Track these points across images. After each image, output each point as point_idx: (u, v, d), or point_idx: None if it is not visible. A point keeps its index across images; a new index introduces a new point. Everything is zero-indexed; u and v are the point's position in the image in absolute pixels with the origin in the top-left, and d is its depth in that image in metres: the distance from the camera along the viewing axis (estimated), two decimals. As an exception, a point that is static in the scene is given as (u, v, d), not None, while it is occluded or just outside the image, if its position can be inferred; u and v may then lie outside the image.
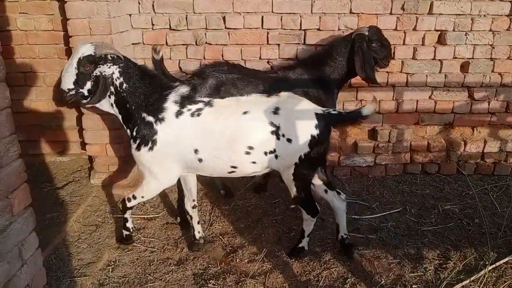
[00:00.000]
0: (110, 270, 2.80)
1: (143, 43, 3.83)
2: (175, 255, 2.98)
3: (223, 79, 3.16)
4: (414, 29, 3.85)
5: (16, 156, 2.03)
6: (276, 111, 2.62)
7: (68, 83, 2.66)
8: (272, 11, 3.75)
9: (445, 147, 4.10)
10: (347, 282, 2.72)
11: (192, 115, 2.64)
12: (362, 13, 3.78)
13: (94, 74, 2.65)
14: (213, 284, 2.70)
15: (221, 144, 2.62)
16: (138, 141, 2.69)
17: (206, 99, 2.75)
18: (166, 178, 2.79)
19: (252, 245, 3.09)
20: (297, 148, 2.62)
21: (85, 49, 2.62)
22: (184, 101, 2.68)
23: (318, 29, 3.81)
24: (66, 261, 2.82)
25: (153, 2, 3.70)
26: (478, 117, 4.14)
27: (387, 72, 3.96)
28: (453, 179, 4.08)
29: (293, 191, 2.77)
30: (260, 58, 3.89)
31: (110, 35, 3.29)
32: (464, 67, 4.00)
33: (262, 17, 3.76)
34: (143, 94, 2.69)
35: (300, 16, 3.77)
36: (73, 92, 2.69)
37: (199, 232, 3.08)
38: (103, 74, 2.65)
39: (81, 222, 3.24)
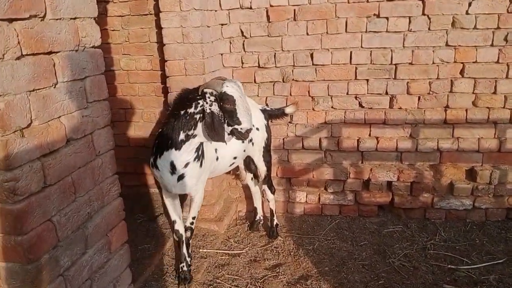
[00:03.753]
0: (196, 306, 2.83)
1: (233, 81, 3.96)
2: (259, 296, 2.94)
3: None
4: (519, 61, 3.53)
5: (117, 195, 2.14)
6: None
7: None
8: (361, 46, 3.68)
9: (557, 191, 3.65)
10: None
11: None
12: (459, 45, 3.56)
13: None
14: (298, 332, 2.61)
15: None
16: (201, 158, 2.90)
17: None
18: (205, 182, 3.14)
19: (337, 290, 2.96)
20: (262, 134, 3.47)
21: None
22: None
23: (410, 63, 3.65)
24: (155, 295, 2.90)
25: (244, 41, 3.83)
26: None
27: (488, 107, 3.66)
28: None
29: (264, 170, 3.59)
30: (347, 93, 3.81)
31: (203, 75, 3.44)
32: None
33: (351, 52, 3.71)
34: None
35: (391, 51, 3.65)
36: None
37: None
38: None
39: (170, 255, 3.34)
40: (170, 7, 3.34)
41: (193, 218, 3.12)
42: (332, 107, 3.87)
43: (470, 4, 3.45)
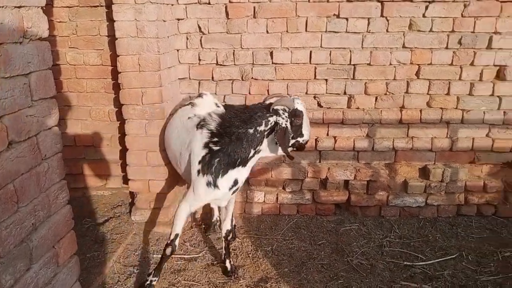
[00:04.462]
0: (151, 317, 2.67)
1: (189, 78, 3.81)
2: (218, 302, 2.83)
3: None
4: (472, 64, 3.65)
5: (65, 202, 1.96)
6: None
7: None
8: (321, 46, 3.66)
9: (502, 188, 3.82)
10: None
11: None
12: (415, 47, 3.63)
13: None
14: (260, 338, 2.53)
15: None
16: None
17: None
18: None
19: (298, 292, 2.91)
20: None
21: None
22: None
23: (369, 64, 3.68)
24: (106, 306, 2.71)
25: (201, 37, 3.69)
26: (541, 157, 3.85)
27: (441, 108, 3.76)
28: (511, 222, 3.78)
29: None
30: (306, 93, 3.78)
31: (159, 71, 3.26)
32: (526, 104, 3.75)
33: (311, 52, 3.68)
34: None
35: (350, 51, 3.66)
36: None
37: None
38: None
39: (121, 262, 3.15)
40: (124, -1, 3.14)
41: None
42: (291, 106, 3.83)
43: (427, 8, 3.52)
